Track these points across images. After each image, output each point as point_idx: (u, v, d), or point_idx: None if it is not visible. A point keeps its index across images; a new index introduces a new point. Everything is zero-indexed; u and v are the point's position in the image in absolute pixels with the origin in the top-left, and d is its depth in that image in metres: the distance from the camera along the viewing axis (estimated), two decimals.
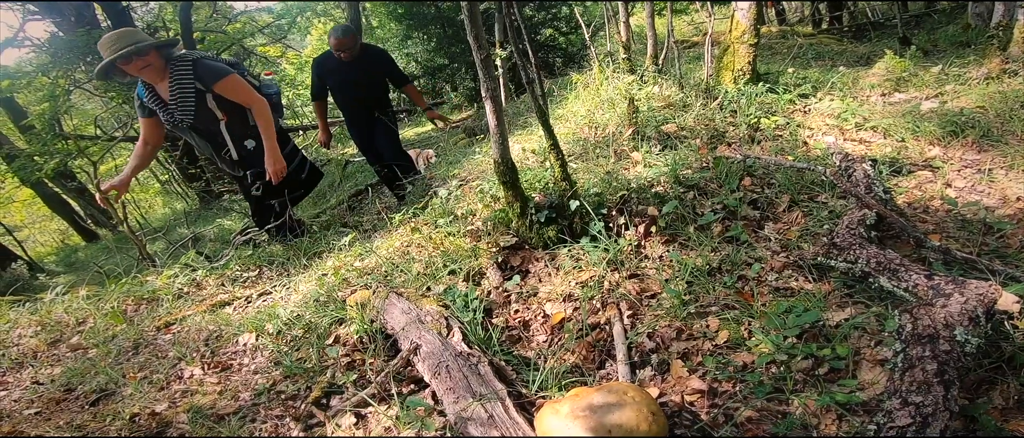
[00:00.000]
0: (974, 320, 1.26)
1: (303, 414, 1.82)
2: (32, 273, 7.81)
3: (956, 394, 1.13)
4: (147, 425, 1.90)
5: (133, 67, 2.85)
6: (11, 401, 2.19)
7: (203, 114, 3.06)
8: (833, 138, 3.29)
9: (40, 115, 7.56)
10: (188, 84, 2.99)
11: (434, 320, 1.93)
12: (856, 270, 1.77)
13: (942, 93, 3.79)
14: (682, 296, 1.93)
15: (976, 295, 1.33)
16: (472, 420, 1.49)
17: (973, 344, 1.21)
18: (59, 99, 7.54)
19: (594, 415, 1.35)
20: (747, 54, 3.92)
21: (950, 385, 1.13)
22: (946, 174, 2.74)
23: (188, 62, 3.01)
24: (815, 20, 9.48)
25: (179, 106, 2.99)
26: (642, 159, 3.00)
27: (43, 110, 7.49)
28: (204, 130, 3.13)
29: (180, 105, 2.99)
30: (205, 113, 3.06)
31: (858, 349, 1.62)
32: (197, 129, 3.12)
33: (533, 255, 2.37)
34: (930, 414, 1.09)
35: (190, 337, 2.49)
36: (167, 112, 3.01)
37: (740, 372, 1.64)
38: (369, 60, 4.16)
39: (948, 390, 1.12)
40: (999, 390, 1.38)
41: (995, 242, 2.07)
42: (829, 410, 1.44)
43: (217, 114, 3.09)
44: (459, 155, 4.76)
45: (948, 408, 1.09)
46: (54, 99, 7.45)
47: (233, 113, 3.12)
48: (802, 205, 2.50)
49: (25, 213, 12.49)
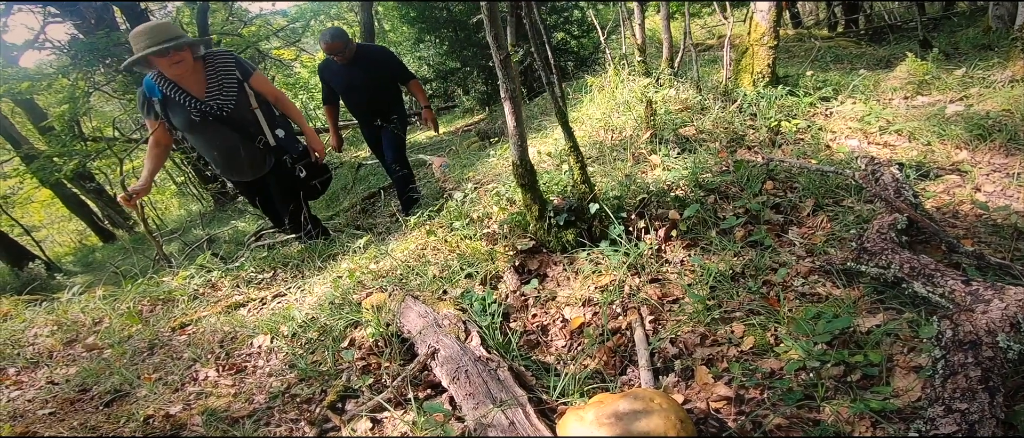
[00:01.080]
0: (1015, 326, 1.21)
1: (318, 418, 1.80)
2: (50, 273, 7.89)
3: (1001, 401, 1.08)
4: (161, 427, 1.88)
5: (166, 61, 2.88)
6: (25, 401, 2.18)
7: (242, 102, 3.16)
8: (856, 141, 3.22)
9: (60, 116, 7.66)
10: (230, 73, 3.12)
11: (452, 324, 1.90)
12: (888, 275, 1.72)
13: (967, 96, 3.71)
14: (705, 301, 1.88)
15: (1016, 301, 1.28)
16: (492, 426, 1.45)
17: (1015, 350, 1.16)
18: (79, 101, 7.63)
19: (620, 422, 1.31)
20: (767, 56, 3.87)
21: (995, 392, 1.08)
22: (974, 178, 2.66)
23: (227, 53, 3.18)
24: (831, 23, 9.36)
25: (222, 93, 3.07)
26: (661, 162, 2.95)
27: (63, 112, 7.58)
28: (238, 119, 3.16)
29: (223, 92, 3.07)
30: (244, 101, 3.16)
31: (891, 356, 1.57)
32: (231, 118, 3.13)
33: (551, 259, 2.33)
34: (976, 421, 1.04)
35: (205, 338, 2.48)
36: (198, 104, 3.02)
37: (768, 379, 1.59)
38: (370, 61, 4.11)
39: (993, 397, 1.07)
40: None
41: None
42: (863, 417, 1.39)
43: (252, 103, 3.20)
44: (473, 158, 4.74)
45: (994, 415, 1.04)
46: (74, 101, 7.54)
47: (263, 105, 3.27)
48: (827, 209, 2.45)
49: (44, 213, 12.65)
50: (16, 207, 11.45)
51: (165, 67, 2.92)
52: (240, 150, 3.23)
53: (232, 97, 3.10)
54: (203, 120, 3.07)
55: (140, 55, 2.84)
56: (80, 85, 7.61)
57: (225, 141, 3.19)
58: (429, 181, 5.03)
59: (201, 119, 3.06)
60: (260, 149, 3.27)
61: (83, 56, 7.46)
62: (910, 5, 8.35)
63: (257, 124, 3.24)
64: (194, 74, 3.03)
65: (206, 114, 3.05)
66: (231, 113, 3.11)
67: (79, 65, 7.58)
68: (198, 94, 3.03)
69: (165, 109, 3.07)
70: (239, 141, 3.21)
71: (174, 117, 3.08)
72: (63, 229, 14.43)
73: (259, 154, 3.28)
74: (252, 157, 3.28)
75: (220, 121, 3.10)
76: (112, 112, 11.33)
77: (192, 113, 3.03)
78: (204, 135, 3.16)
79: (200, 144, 3.23)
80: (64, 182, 9.75)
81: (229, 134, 3.17)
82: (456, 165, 4.70)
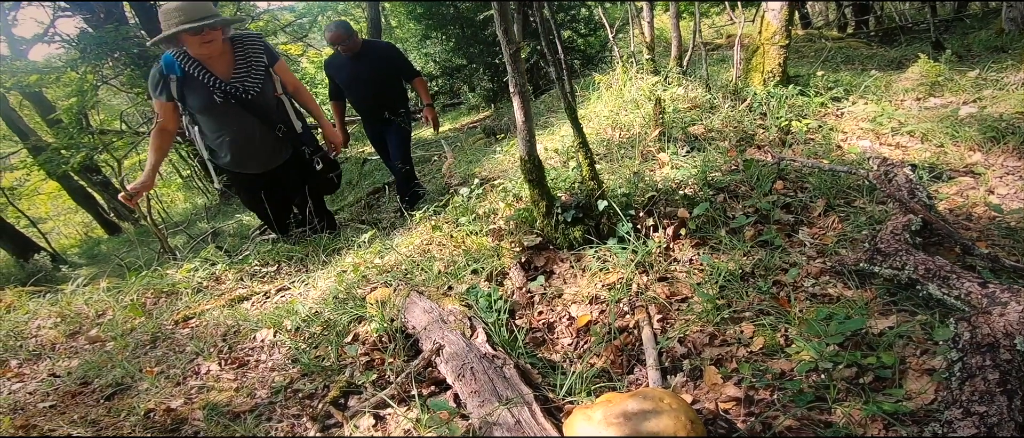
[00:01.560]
0: None
1: (320, 414, 1.77)
2: (55, 264, 7.90)
3: (1020, 405, 1.05)
4: (162, 421, 1.86)
5: (198, 39, 2.82)
6: (26, 394, 2.17)
7: (267, 88, 3.11)
8: (868, 142, 3.18)
9: (68, 109, 7.66)
10: (259, 57, 3.07)
11: (457, 320, 1.87)
12: (902, 277, 1.69)
13: (980, 98, 3.66)
14: (715, 300, 1.85)
15: None
16: (498, 425, 1.43)
17: None
18: (87, 94, 7.64)
19: (629, 422, 1.29)
20: (778, 55, 3.83)
21: (1013, 395, 1.05)
22: (988, 181, 2.63)
23: (257, 36, 3.13)
24: (841, 24, 9.29)
25: (250, 75, 3.02)
26: (669, 160, 2.92)
27: (71, 105, 7.59)
28: (261, 105, 3.09)
29: (251, 75, 3.02)
30: (269, 87, 3.13)
31: (903, 358, 1.53)
32: (253, 103, 3.05)
33: (558, 256, 2.30)
34: (995, 424, 1.01)
35: (208, 332, 2.46)
36: (222, 84, 2.95)
37: (778, 380, 1.56)
38: (375, 56, 4.10)
39: (1011, 400, 1.04)
40: None
41: None
42: (875, 420, 1.36)
43: (277, 88, 3.17)
44: (479, 154, 4.72)
45: (1012, 418, 1.01)
46: (82, 94, 7.55)
47: (285, 93, 3.25)
48: (838, 210, 2.41)
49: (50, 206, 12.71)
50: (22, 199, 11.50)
51: (194, 46, 2.85)
52: (257, 137, 3.15)
53: (259, 81, 3.04)
54: (225, 102, 2.98)
55: (173, 32, 2.77)
56: (89, 78, 7.62)
57: (243, 127, 3.10)
58: (434, 177, 5.01)
59: (223, 101, 2.97)
60: (279, 138, 3.20)
61: (92, 50, 7.46)
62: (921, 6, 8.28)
63: (279, 111, 3.19)
64: (222, 55, 2.97)
65: (229, 96, 2.97)
66: (255, 97, 3.04)
67: (88, 59, 7.58)
68: (223, 75, 2.96)
69: (182, 89, 2.97)
70: (257, 128, 3.13)
71: (192, 97, 2.98)
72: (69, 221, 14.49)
73: (277, 143, 3.21)
74: (269, 146, 3.20)
75: (242, 105, 3.02)
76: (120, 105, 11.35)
77: (215, 93, 2.94)
78: (222, 119, 3.06)
79: (215, 128, 3.11)
80: (71, 174, 9.78)
81: (248, 120, 3.09)
82: (462, 161, 4.68)
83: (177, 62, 2.92)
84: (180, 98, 3.00)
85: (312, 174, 3.38)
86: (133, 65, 7.63)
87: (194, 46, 2.85)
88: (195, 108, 3.04)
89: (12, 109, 10.46)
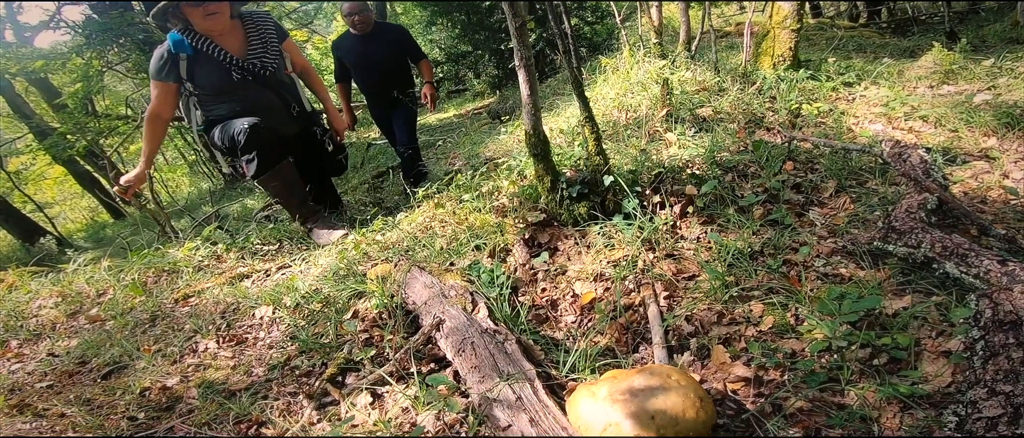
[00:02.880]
0: None
1: (317, 391, 1.74)
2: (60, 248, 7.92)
3: None
4: (157, 400, 1.84)
5: (199, 12, 2.70)
6: (25, 373, 2.15)
7: (281, 65, 3.05)
8: (880, 126, 3.11)
9: (73, 94, 7.66)
10: (271, 33, 3.01)
11: (458, 295, 1.83)
12: (918, 256, 1.63)
13: (995, 86, 3.58)
14: (723, 278, 1.80)
15: None
16: (498, 402, 1.39)
17: None
18: (92, 79, 7.62)
19: (635, 399, 1.24)
20: (789, 39, 3.74)
21: None
22: (1003, 165, 2.55)
23: (266, 13, 3.07)
24: (852, 15, 9.14)
25: (267, 51, 2.96)
26: (676, 140, 2.86)
27: (77, 90, 7.58)
28: (275, 83, 3.02)
29: (268, 51, 2.96)
30: (282, 64, 3.07)
31: (919, 340, 1.48)
32: (273, 80, 2.98)
33: (562, 232, 2.26)
34: (1022, 404, 0.96)
35: (207, 310, 2.43)
36: (238, 62, 2.85)
37: (789, 360, 1.51)
38: (386, 36, 4.07)
39: None
40: None
41: None
42: (891, 402, 1.31)
43: (288, 66, 3.11)
44: (483, 135, 4.67)
45: None
46: (87, 79, 7.54)
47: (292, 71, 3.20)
48: (850, 191, 2.35)
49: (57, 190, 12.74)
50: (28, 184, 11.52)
51: (197, 19, 2.74)
52: (274, 115, 3.05)
53: (276, 57, 2.98)
54: (243, 79, 2.89)
55: (169, 2, 2.64)
56: (94, 64, 7.59)
57: (261, 104, 2.99)
58: (440, 160, 4.96)
59: (241, 78, 2.88)
60: (293, 117, 3.13)
61: (97, 36, 7.44)
62: None
63: (292, 89, 3.12)
64: (232, 32, 2.88)
65: (247, 73, 2.88)
66: (273, 73, 2.97)
67: (93, 45, 7.56)
68: (237, 52, 2.87)
69: (193, 68, 2.85)
70: (275, 104, 3.05)
71: (206, 76, 2.86)
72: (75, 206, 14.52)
73: (290, 122, 3.14)
74: (284, 124, 3.11)
75: (261, 82, 2.94)
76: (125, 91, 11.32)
77: (233, 71, 2.84)
78: (246, 97, 2.94)
79: (229, 109, 2.96)
80: (77, 159, 9.78)
81: (267, 96, 3.01)
82: (466, 142, 4.63)
83: (186, 40, 2.81)
84: (189, 78, 2.88)
85: (322, 155, 3.31)
86: (139, 50, 7.61)
87: (198, 20, 2.74)
88: (208, 88, 2.91)
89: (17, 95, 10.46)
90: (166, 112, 2.98)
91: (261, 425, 1.65)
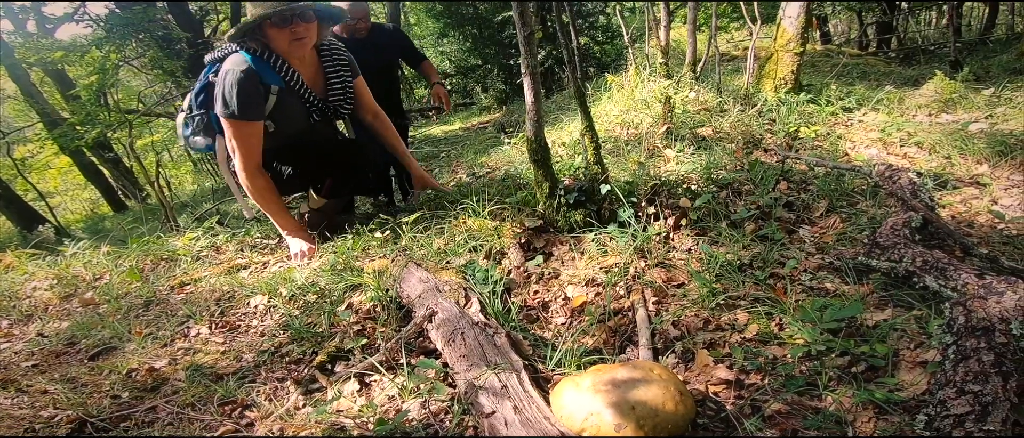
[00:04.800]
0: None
1: (305, 378, 1.76)
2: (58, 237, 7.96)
3: (1015, 386, 1.03)
4: (143, 381, 1.85)
5: (286, 34, 2.27)
6: (12, 353, 2.16)
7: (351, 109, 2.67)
8: (875, 150, 3.17)
9: (87, 86, 7.75)
10: (346, 70, 2.59)
11: (452, 289, 1.87)
12: (900, 269, 1.67)
13: (992, 115, 3.64)
14: (711, 284, 1.84)
15: None
16: (484, 389, 1.42)
17: None
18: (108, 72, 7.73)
19: (617, 390, 1.28)
20: (791, 62, 3.82)
21: (1009, 376, 1.04)
22: (993, 191, 2.61)
23: (339, 44, 2.65)
24: (862, 43, 9.25)
25: (345, 94, 2.54)
26: (675, 157, 2.92)
27: (92, 82, 7.68)
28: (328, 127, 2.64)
29: (346, 93, 2.54)
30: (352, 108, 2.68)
31: (897, 350, 1.52)
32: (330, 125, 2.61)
33: (558, 238, 2.30)
34: (990, 403, 0.99)
35: (202, 297, 2.47)
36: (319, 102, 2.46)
37: (770, 364, 1.55)
38: (382, 40, 3.88)
39: (1007, 381, 1.02)
40: None
41: None
42: (866, 408, 1.34)
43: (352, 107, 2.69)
44: (487, 147, 4.73)
45: (1008, 399, 0.99)
46: (103, 72, 7.64)
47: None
48: (841, 211, 2.40)
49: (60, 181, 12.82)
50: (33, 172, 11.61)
51: (282, 43, 2.28)
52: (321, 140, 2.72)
53: (351, 100, 2.54)
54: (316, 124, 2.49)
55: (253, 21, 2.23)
56: (112, 57, 7.71)
57: (312, 135, 2.60)
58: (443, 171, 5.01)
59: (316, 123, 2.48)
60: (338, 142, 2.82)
61: (118, 30, 7.57)
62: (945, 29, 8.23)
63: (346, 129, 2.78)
64: (311, 63, 2.45)
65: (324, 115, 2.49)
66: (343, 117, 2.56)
67: (113, 38, 7.68)
68: (318, 91, 2.45)
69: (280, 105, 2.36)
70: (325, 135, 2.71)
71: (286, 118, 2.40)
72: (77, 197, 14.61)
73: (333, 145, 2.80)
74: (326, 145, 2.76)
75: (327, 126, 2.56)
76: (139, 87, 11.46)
77: (313, 113, 2.42)
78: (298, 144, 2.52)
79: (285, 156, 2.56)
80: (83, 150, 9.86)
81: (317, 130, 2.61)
82: (469, 153, 4.69)
83: (272, 67, 2.33)
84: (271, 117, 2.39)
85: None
86: (157, 47, 7.72)
87: (282, 44, 2.29)
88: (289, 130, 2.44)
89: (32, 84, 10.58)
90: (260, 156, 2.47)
91: (246, 408, 1.67)
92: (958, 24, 7.80)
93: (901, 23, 8.76)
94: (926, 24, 10.44)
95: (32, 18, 10.15)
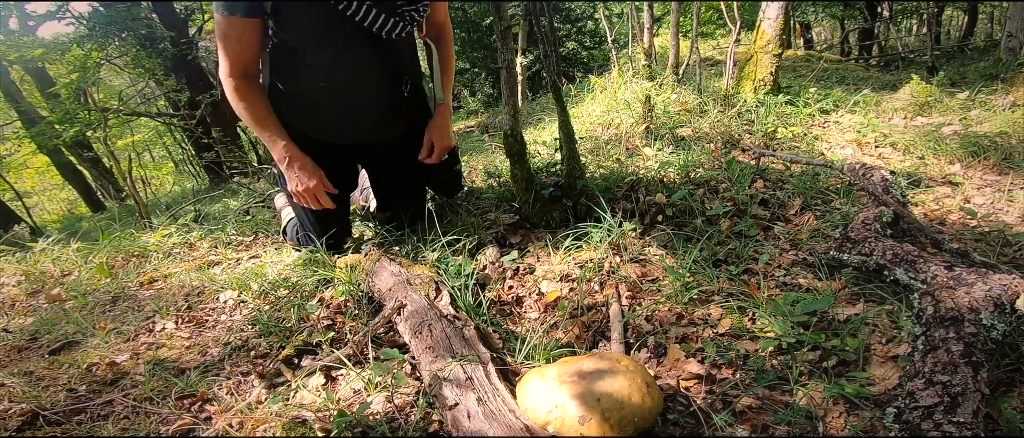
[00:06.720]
0: (999, 307, 1.15)
1: (270, 372, 1.72)
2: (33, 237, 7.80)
3: (985, 377, 1.02)
4: (103, 375, 1.80)
5: None
6: None
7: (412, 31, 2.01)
8: (851, 151, 3.19)
9: (68, 84, 7.62)
10: None
11: (423, 282, 1.84)
12: (870, 263, 1.67)
13: (966, 118, 3.69)
14: (684, 278, 1.83)
15: (1000, 284, 1.22)
16: (448, 381, 1.39)
17: (999, 330, 1.11)
18: (89, 71, 7.60)
19: (582, 381, 1.26)
20: (770, 64, 3.84)
21: (978, 367, 1.02)
22: (965, 190, 2.63)
23: None
24: (843, 50, 9.38)
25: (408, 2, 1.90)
26: (654, 156, 2.92)
27: (72, 80, 7.54)
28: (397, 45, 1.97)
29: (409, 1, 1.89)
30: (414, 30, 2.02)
31: (868, 345, 1.51)
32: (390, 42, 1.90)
33: (534, 234, 2.28)
34: (959, 394, 0.98)
35: (171, 293, 2.41)
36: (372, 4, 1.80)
37: (742, 359, 1.53)
38: None
39: (977, 372, 1.01)
40: (1018, 392, 1.27)
41: (1014, 253, 1.96)
42: (837, 402, 1.33)
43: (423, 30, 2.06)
44: (471, 147, 4.71)
45: (978, 389, 0.98)
46: (84, 70, 7.51)
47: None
48: (815, 209, 2.40)
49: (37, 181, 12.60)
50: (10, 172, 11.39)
51: None
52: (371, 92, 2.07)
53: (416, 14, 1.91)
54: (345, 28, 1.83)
55: None
56: (93, 55, 7.58)
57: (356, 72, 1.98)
58: None
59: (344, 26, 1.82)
60: (402, 99, 2.13)
61: (100, 28, 7.46)
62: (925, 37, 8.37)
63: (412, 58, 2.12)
64: None
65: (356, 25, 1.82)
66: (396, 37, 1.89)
67: (95, 36, 7.57)
68: None
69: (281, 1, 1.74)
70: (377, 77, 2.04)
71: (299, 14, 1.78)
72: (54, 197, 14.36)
73: (394, 108, 2.14)
74: (382, 107, 2.13)
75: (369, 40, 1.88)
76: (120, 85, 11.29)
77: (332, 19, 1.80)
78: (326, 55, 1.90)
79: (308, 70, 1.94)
80: (62, 149, 9.69)
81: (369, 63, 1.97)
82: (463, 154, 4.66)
83: None
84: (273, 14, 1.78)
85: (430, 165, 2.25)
86: (139, 46, 7.63)
87: None
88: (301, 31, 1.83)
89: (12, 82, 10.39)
90: (253, 66, 1.92)
91: (206, 401, 1.63)
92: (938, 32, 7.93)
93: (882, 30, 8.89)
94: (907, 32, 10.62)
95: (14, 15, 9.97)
